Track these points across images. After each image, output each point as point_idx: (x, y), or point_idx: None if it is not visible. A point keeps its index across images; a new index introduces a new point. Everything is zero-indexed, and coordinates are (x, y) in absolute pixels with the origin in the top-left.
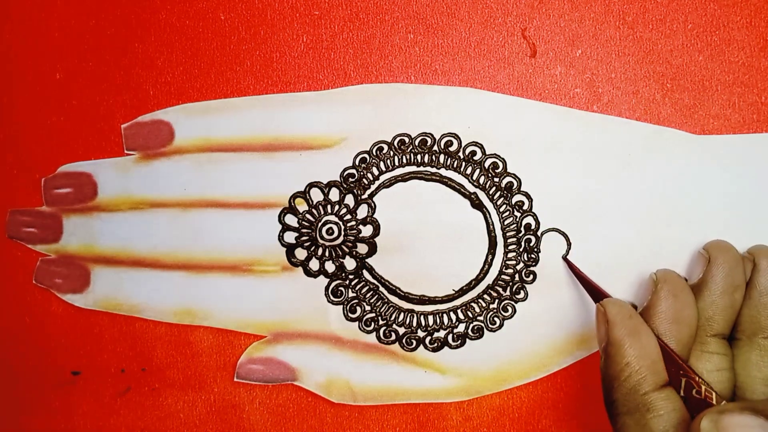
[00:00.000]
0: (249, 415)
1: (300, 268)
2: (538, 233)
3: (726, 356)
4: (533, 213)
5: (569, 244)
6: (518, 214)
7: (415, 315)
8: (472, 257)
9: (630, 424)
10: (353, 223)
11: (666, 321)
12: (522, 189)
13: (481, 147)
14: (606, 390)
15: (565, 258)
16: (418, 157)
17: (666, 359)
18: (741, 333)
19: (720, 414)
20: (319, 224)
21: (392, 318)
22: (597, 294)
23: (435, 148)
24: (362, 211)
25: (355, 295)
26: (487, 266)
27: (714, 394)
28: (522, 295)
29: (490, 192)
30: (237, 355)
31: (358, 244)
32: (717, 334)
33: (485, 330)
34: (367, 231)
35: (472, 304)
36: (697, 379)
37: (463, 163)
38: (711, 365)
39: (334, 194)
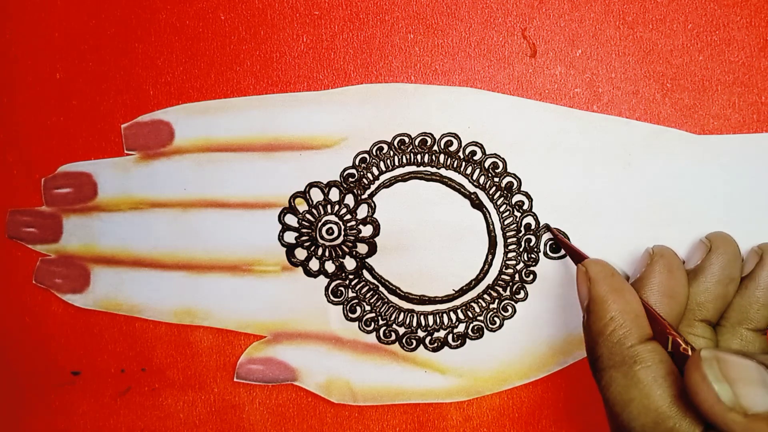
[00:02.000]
0: (249, 415)
1: (300, 268)
2: (539, 233)
3: (711, 341)
4: (533, 213)
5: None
6: (518, 214)
7: (415, 315)
8: (472, 257)
9: (617, 377)
10: (353, 223)
11: (657, 293)
12: (522, 189)
13: (481, 147)
14: (590, 346)
15: (548, 226)
16: (418, 157)
17: (650, 320)
18: (726, 320)
19: (718, 351)
20: (319, 224)
21: (392, 318)
22: (578, 257)
23: (435, 148)
24: (362, 211)
25: (355, 295)
26: (487, 266)
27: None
28: (522, 295)
29: (490, 192)
30: (237, 355)
31: (358, 244)
32: (705, 319)
33: (485, 330)
34: (367, 231)
35: (472, 304)
36: (681, 337)
37: (463, 163)
38: (696, 347)
39: (334, 194)
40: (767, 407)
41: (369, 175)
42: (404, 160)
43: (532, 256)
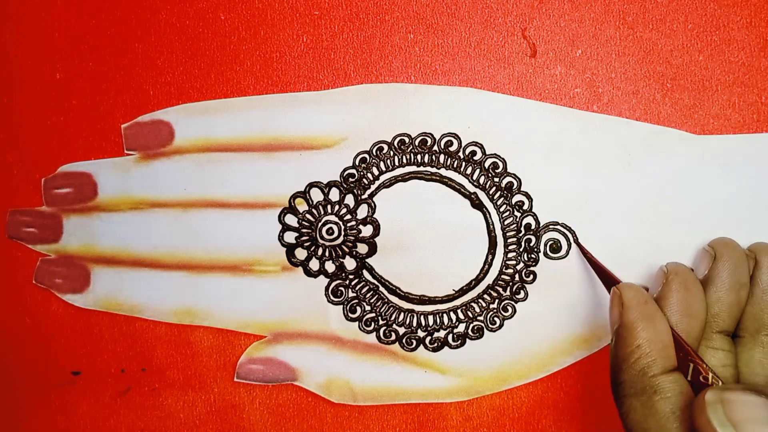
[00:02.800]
0: (249, 415)
1: (300, 268)
2: (539, 232)
3: (730, 353)
4: (533, 213)
5: (571, 244)
6: (518, 214)
7: (415, 315)
8: (472, 257)
9: (636, 406)
10: (353, 223)
11: (677, 313)
12: (522, 189)
13: (481, 147)
14: (614, 372)
15: (576, 242)
16: (418, 157)
17: (675, 345)
18: (744, 331)
19: (723, 391)
20: (319, 224)
21: (392, 318)
22: (609, 279)
23: (435, 148)
24: (362, 211)
25: (355, 295)
26: (487, 266)
27: (720, 382)
28: (522, 295)
29: (490, 192)
30: (237, 355)
31: (358, 244)
32: (722, 330)
33: (485, 330)
34: (367, 231)
35: (472, 304)
36: (704, 365)
37: (463, 163)
38: (716, 361)
39: (334, 194)
40: None
41: (369, 175)
42: (404, 160)
43: (532, 256)
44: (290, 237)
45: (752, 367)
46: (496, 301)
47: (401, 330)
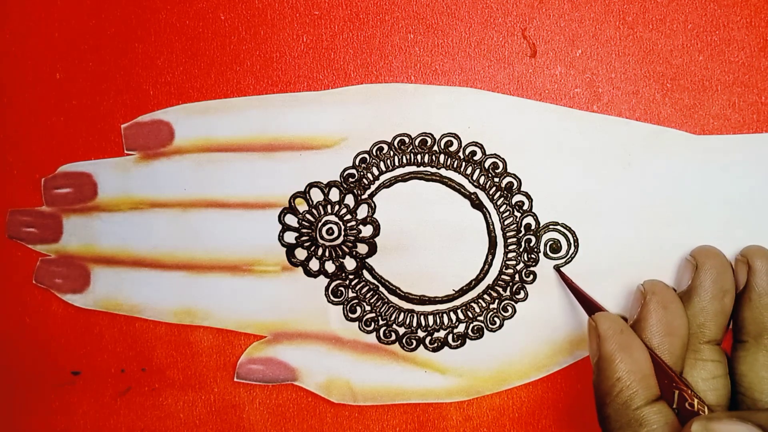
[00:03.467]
0: (249, 415)
1: (300, 268)
2: (539, 232)
3: (720, 363)
4: (533, 213)
5: (570, 245)
6: (518, 214)
7: (415, 315)
8: (472, 257)
9: None
10: (353, 223)
11: (658, 334)
12: (522, 189)
13: (481, 147)
14: (599, 406)
15: (557, 269)
16: (418, 157)
17: (658, 372)
18: (746, 335)
19: (709, 421)
20: (319, 224)
21: (392, 318)
22: (589, 305)
23: (435, 148)
24: (362, 211)
25: (355, 295)
26: (487, 266)
27: (706, 407)
28: (522, 295)
29: (490, 192)
30: (237, 355)
31: (358, 244)
32: (710, 341)
33: (485, 330)
34: (367, 231)
35: (472, 304)
36: (689, 392)
37: (463, 163)
38: (706, 373)
39: (334, 194)
40: None
41: (369, 175)
42: (404, 160)
43: (532, 256)
44: (290, 237)
45: (757, 371)
46: (496, 301)
47: (401, 330)
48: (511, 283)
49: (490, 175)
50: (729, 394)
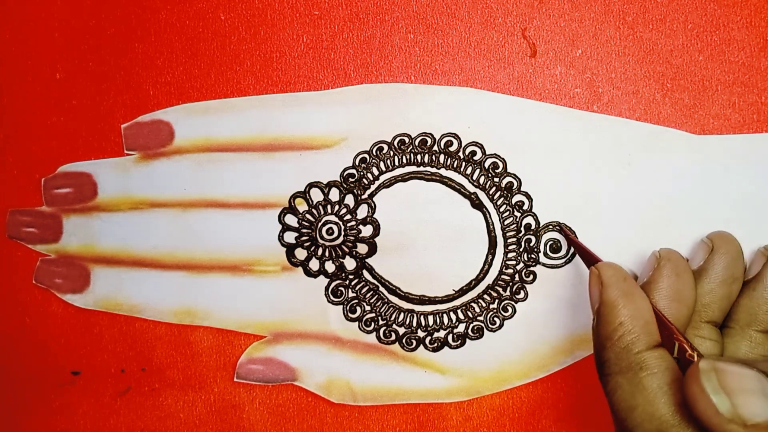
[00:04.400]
0: (249, 415)
1: (300, 268)
2: (539, 232)
3: (717, 343)
4: (533, 213)
5: (570, 245)
6: (518, 214)
7: (415, 315)
8: (472, 257)
9: (622, 383)
10: (353, 223)
11: (666, 298)
12: (522, 189)
13: (481, 147)
14: (597, 350)
15: (561, 227)
16: (418, 157)
17: (659, 325)
18: (734, 322)
19: (717, 360)
20: (319, 224)
21: (392, 318)
22: (592, 260)
23: (435, 148)
24: (362, 211)
25: (355, 295)
26: (487, 266)
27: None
28: (522, 295)
29: (490, 192)
30: (237, 355)
31: (358, 244)
32: (710, 320)
33: (485, 330)
34: (367, 231)
35: (472, 304)
36: (689, 344)
37: (463, 163)
38: (702, 350)
39: (334, 194)
40: (766, 417)
41: (369, 175)
42: (404, 160)
43: (532, 256)
44: (290, 237)
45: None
46: (496, 301)
47: (401, 330)
48: (511, 283)
49: (490, 175)
50: None
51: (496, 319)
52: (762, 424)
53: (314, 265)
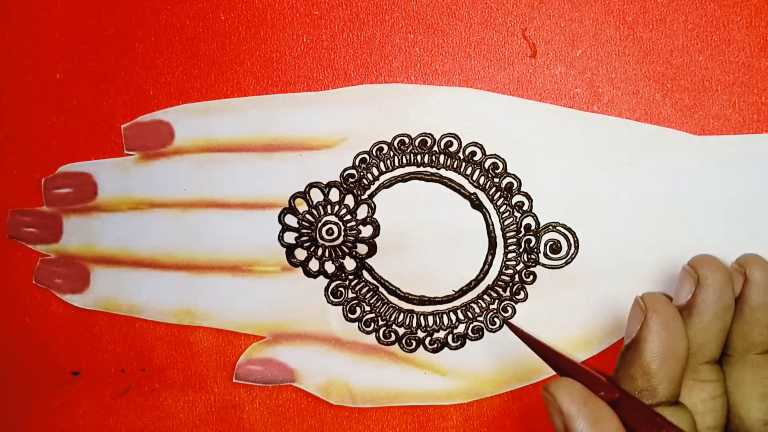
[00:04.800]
0: (249, 416)
1: (300, 269)
2: (539, 233)
3: (719, 382)
4: (533, 213)
5: (570, 245)
6: (518, 215)
7: (414, 315)
8: (472, 257)
9: None
10: (353, 223)
11: (658, 357)
12: (522, 189)
13: (481, 147)
14: None
15: (507, 322)
16: (418, 157)
17: (646, 413)
18: (732, 350)
19: None
20: (319, 224)
21: (392, 318)
22: (551, 359)
23: (435, 148)
24: (362, 212)
25: (354, 295)
26: (487, 267)
27: None
28: (522, 295)
29: (490, 192)
30: (237, 356)
31: (358, 245)
32: (709, 360)
33: (485, 331)
34: (367, 231)
35: (472, 304)
36: None
37: (463, 164)
38: (705, 394)
39: (334, 194)
40: None
41: (369, 175)
42: (404, 161)
43: (532, 256)
44: (290, 237)
45: (743, 388)
46: (496, 301)
47: (401, 331)
48: (510, 284)
49: (490, 175)
50: (726, 414)
51: (496, 319)
52: None
53: (314, 265)
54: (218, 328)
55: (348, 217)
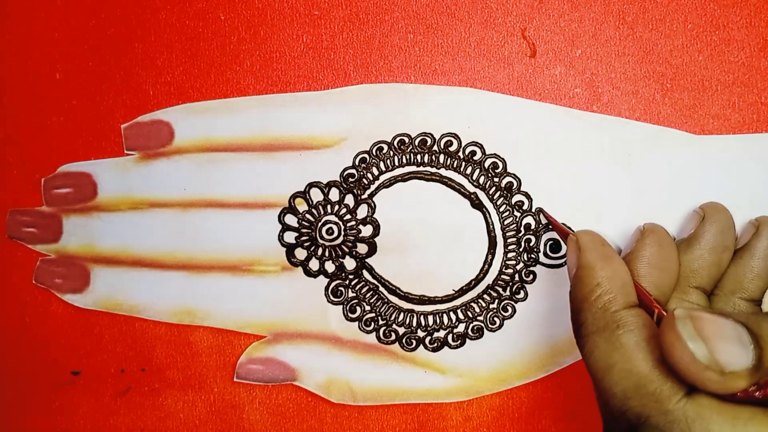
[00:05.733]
0: (249, 415)
1: (300, 268)
2: (539, 232)
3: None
4: (533, 213)
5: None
6: (518, 214)
7: (415, 315)
8: (472, 257)
9: (599, 342)
10: (353, 223)
11: (647, 265)
12: (522, 189)
13: (481, 147)
14: (575, 312)
15: (539, 208)
16: (418, 157)
17: (638, 294)
18: (720, 289)
19: (692, 309)
20: (319, 224)
21: (392, 318)
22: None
23: (435, 148)
24: (362, 211)
25: (354, 295)
26: (487, 266)
27: None
28: (522, 295)
29: (490, 192)
30: (237, 355)
31: (358, 244)
32: (699, 286)
33: (485, 330)
34: (367, 231)
35: (472, 304)
36: (665, 309)
37: (463, 163)
38: None
39: (334, 194)
40: (744, 365)
41: (369, 175)
42: (404, 160)
43: (532, 256)
44: (290, 237)
45: None
46: (496, 301)
47: (401, 330)
48: (510, 283)
49: (489, 175)
50: None
51: (496, 319)
52: (739, 372)
53: (314, 265)
54: (218, 327)
55: (348, 216)
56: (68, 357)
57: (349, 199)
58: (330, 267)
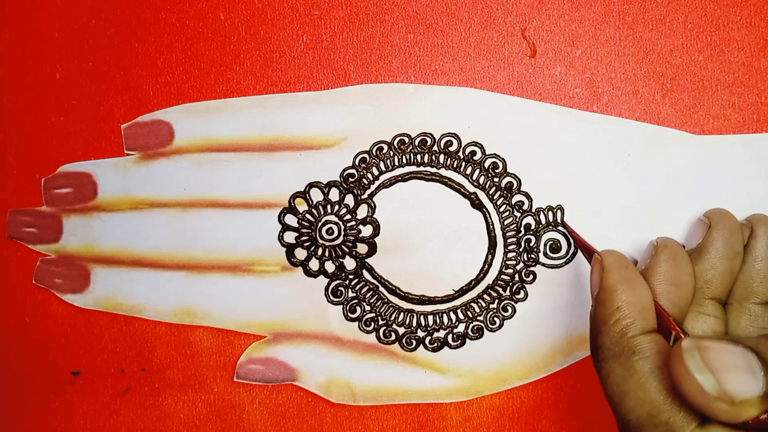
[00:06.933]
0: (249, 415)
1: (300, 268)
2: (539, 232)
3: (721, 320)
4: (533, 213)
5: (570, 245)
6: (518, 215)
7: (415, 315)
8: (472, 257)
9: (615, 367)
10: (353, 223)
11: (663, 282)
12: (522, 189)
13: (481, 147)
14: (593, 335)
15: (563, 223)
16: (418, 157)
17: (657, 314)
18: (732, 298)
19: (700, 339)
20: (319, 224)
21: (392, 318)
22: (593, 254)
23: (435, 148)
24: (362, 211)
25: (354, 295)
26: (487, 266)
27: None
28: (522, 295)
29: (490, 192)
30: (237, 355)
31: (358, 244)
32: (714, 297)
33: (485, 330)
34: (367, 231)
35: (472, 304)
36: (683, 332)
37: (463, 163)
38: (707, 327)
39: (334, 194)
40: (754, 393)
41: (369, 175)
42: (404, 160)
43: (532, 256)
44: (290, 237)
45: (739, 334)
46: (496, 301)
47: (401, 330)
48: (510, 283)
49: (489, 175)
50: None
51: (496, 319)
52: (750, 400)
53: (314, 265)
54: (218, 327)
55: (348, 216)
56: (68, 357)
57: (349, 199)
58: (330, 267)
